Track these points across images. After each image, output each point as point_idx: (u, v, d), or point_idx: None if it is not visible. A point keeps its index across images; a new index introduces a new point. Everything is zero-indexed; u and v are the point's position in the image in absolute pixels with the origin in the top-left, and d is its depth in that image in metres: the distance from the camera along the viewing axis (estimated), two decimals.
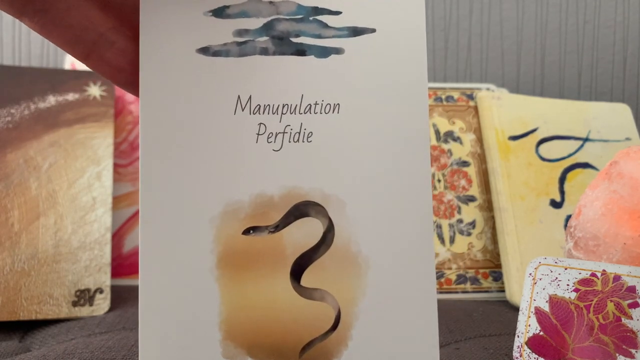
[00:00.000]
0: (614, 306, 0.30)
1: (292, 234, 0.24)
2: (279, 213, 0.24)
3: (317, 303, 0.23)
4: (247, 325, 0.23)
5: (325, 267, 0.24)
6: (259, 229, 0.23)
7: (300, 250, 0.24)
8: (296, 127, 0.24)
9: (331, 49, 0.24)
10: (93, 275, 0.45)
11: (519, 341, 0.31)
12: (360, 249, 0.24)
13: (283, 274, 0.23)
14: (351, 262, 0.24)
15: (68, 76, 0.51)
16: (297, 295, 0.23)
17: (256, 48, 0.24)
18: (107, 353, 0.34)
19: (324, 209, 0.24)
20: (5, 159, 0.46)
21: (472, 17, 0.73)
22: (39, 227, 0.45)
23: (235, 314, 0.23)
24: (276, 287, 0.23)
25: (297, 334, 0.23)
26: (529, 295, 0.32)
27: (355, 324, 0.23)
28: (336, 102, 0.24)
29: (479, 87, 0.60)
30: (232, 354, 0.23)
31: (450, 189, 0.54)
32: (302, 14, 0.24)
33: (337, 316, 0.23)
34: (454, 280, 0.51)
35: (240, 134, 0.24)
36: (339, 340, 0.23)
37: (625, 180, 0.35)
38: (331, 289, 0.24)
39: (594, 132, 0.57)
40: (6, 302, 0.41)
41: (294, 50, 0.24)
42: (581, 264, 0.31)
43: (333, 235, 0.24)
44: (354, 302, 0.24)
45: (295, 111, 0.24)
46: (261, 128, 0.24)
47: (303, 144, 0.24)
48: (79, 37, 0.23)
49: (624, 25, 0.73)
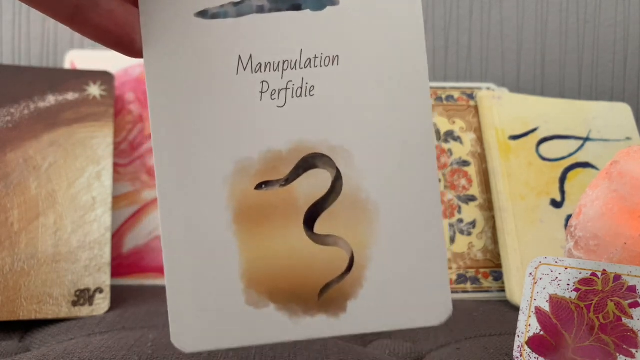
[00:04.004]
0: (614, 306, 0.30)
1: (302, 185, 0.25)
2: (288, 167, 0.25)
3: (331, 248, 0.25)
4: (267, 274, 0.25)
5: (337, 214, 0.25)
6: (270, 183, 0.25)
7: (311, 200, 0.25)
8: (298, 82, 0.25)
9: (326, 0, 0.24)
10: (93, 275, 0.45)
11: (519, 341, 0.31)
12: (369, 195, 0.25)
13: (297, 223, 0.25)
14: (361, 208, 0.25)
15: (68, 76, 0.51)
16: (312, 242, 0.25)
17: (252, 7, 0.24)
18: (106, 353, 0.34)
19: (331, 159, 0.25)
20: (5, 158, 0.46)
21: (472, 17, 0.73)
22: (38, 227, 0.45)
23: (255, 264, 0.25)
24: (291, 236, 0.25)
25: (314, 278, 0.25)
26: (529, 295, 0.32)
27: (369, 265, 0.25)
28: (335, 54, 0.25)
29: (480, 87, 0.60)
30: (255, 300, 0.25)
31: (450, 189, 0.54)
32: None
33: (351, 259, 0.25)
34: (455, 280, 0.51)
35: (244, 94, 0.24)
36: (354, 281, 0.25)
37: (626, 180, 0.35)
38: (343, 234, 0.25)
39: (594, 131, 0.57)
40: (6, 302, 0.41)
41: (290, 5, 0.24)
42: (581, 263, 0.31)
43: (342, 184, 0.25)
44: (366, 245, 0.25)
45: (296, 66, 0.25)
46: (264, 86, 0.24)
47: (306, 98, 0.25)
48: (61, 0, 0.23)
49: (625, 24, 0.73)
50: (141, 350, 0.34)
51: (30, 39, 0.70)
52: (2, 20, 0.70)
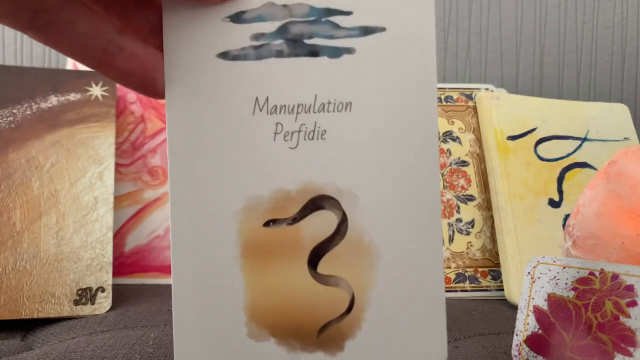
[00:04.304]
0: (612, 305, 0.30)
1: (308, 225, 0.25)
2: (296, 206, 0.25)
3: (333, 288, 0.25)
4: (269, 309, 0.25)
5: (340, 256, 0.25)
6: (278, 221, 0.25)
7: (316, 241, 0.25)
8: (311, 125, 0.25)
9: (343, 49, 0.25)
10: (95, 274, 0.45)
11: (517, 339, 0.31)
12: (372, 239, 0.25)
13: (301, 262, 0.25)
14: (363, 251, 0.25)
15: (70, 76, 0.51)
16: (314, 281, 0.25)
17: (272, 51, 0.25)
18: (108, 352, 0.34)
19: (337, 202, 0.25)
20: (8, 158, 0.46)
21: (471, 18, 0.73)
22: (40, 227, 0.45)
23: (259, 298, 0.25)
24: (295, 274, 0.25)
25: (314, 316, 0.25)
26: (527, 294, 0.32)
27: (368, 307, 0.25)
28: (348, 101, 0.25)
29: (478, 88, 0.60)
30: (257, 334, 0.25)
31: (449, 189, 0.55)
32: (315, 16, 0.25)
33: (351, 300, 0.25)
34: (453, 279, 0.52)
35: (259, 134, 0.25)
36: (353, 322, 0.25)
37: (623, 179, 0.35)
38: (345, 275, 0.25)
39: (592, 132, 0.57)
40: (8, 301, 0.42)
41: (308, 51, 0.25)
42: (579, 262, 0.31)
43: (347, 227, 0.25)
44: (366, 287, 0.25)
45: (310, 110, 0.25)
46: (278, 127, 0.25)
47: (317, 142, 0.25)
48: (88, 46, 0.24)
49: (623, 25, 0.73)
50: (142, 348, 0.35)
51: (32, 41, 0.71)
52: None
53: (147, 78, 0.25)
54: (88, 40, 0.24)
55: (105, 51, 0.24)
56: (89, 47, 0.24)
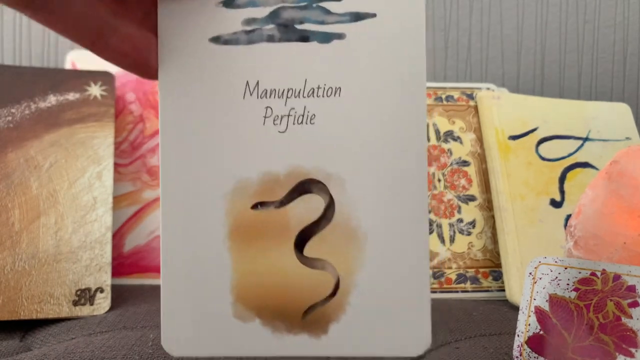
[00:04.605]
0: (613, 305, 0.30)
1: (296, 209, 0.26)
2: (284, 190, 0.26)
3: (319, 272, 0.26)
4: (255, 290, 0.26)
5: (327, 239, 0.26)
6: (266, 204, 0.26)
7: (303, 224, 0.26)
8: (300, 110, 0.25)
9: (333, 34, 0.25)
10: (94, 274, 0.45)
11: (519, 340, 0.31)
12: (359, 223, 0.26)
13: (288, 245, 0.26)
14: (350, 235, 0.26)
15: (69, 76, 0.51)
16: (300, 264, 0.26)
17: (263, 36, 0.25)
18: (107, 352, 0.34)
19: (325, 186, 0.26)
20: (6, 158, 0.46)
21: (472, 17, 0.73)
22: (39, 227, 0.45)
23: (245, 279, 0.26)
24: (281, 256, 0.26)
25: (300, 298, 0.26)
26: (528, 295, 0.32)
27: (353, 291, 0.25)
28: (337, 86, 0.25)
29: (479, 87, 0.60)
30: (242, 314, 0.26)
31: (450, 189, 0.54)
32: (306, 2, 0.25)
33: (337, 284, 0.26)
34: (454, 279, 0.51)
35: (249, 117, 0.26)
36: (337, 305, 0.26)
37: (625, 179, 0.35)
38: (331, 259, 0.26)
39: (594, 131, 0.57)
40: (7, 302, 0.42)
41: (298, 36, 0.25)
42: (581, 263, 0.31)
43: (334, 211, 0.26)
44: (352, 272, 0.26)
45: (300, 95, 0.25)
46: (268, 111, 0.25)
47: (306, 126, 0.25)
48: (83, 26, 0.24)
49: (624, 25, 0.73)
50: (142, 349, 0.35)
51: (31, 39, 0.70)
52: (3, 20, 0.70)
53: (140, 59, 0.25)
54: (83, 20, 0.24)
55: (100, 32, 0.24)
56: (83, 27, 0.24)
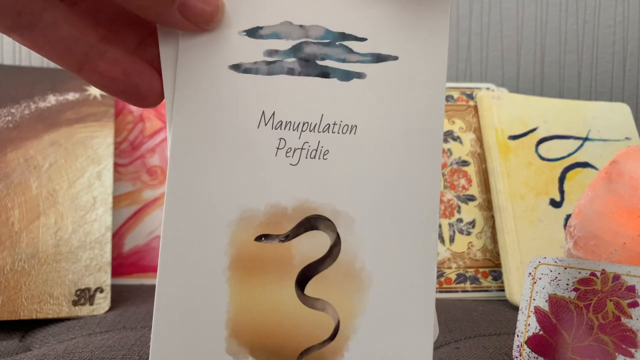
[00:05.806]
0: (613, 305, 0.30)
1: (300, 244, 0.25)
2: (290, 224, 0.25)
3: (319, 312, 0.24)
4: (251, 326, 0.24)
5: (329, 279, 0.25)
6: (270, 237, 0.25)
7: (307, 261, 0.25)
8: (314, 144, 0.25)
9: (354, 73, 0.25)
10: (93, 274, 0.45)
11: (518, 340, 0.31)
12: (365, 265, 0.25)
13: (289, 281, 0.25)
14: (354, 277, 0.25)
15: (68, 76, 0.51)
16: (300, 303, 0.24)
17: (283, 68, 0.25)
18: (107, 352, 0.34)
19: (332, 224, 0.25)
20: (6, 158, 0.46)
21: (472, 17, 0.73)
22: (39, 227, 0.45)
23: (242, 314, 0.24)
24: (281, 293, 0.24)
25: (297, 339, 0.24)
26: (528, 295, 0.32)
27: (353, 336, 0.24)
28: (354, 124, 0.25)
29: (479, 87, 0.60)
30: (235, 351, 0.24)
31: (450, 189, 0.54)
32: (330, 39, 0.25)
33: (336, 327, 0.24)
34: (454, 279, 0.51)
35: (262, 147, 0.25)
36: (335, 350, 0.24)
37: (625, 179, 0.35)
38: (333, 300, 0.25)
39: (593, 131, 0.57)
40: (6, 302, 0.41)
41: (319, 72, 0.25)
42: (581, 263, 0.31)
43: (339, 250, 0.25)
44: (353, 315, 0.24)
45: (315, 129, 0.25)
46: (281, 143, 0.25)
47: (319, 161, 0.25)
48: (70, 50, 0.23)
49: (624, 24, 0.73)
50: (141, 349, 0.35)
51: None
52: None
53: (130, 84, 0.25)
54: (70, 43, 0.23)
55: (87, 55, 0.24)
56: (70, 50, 0.23)
